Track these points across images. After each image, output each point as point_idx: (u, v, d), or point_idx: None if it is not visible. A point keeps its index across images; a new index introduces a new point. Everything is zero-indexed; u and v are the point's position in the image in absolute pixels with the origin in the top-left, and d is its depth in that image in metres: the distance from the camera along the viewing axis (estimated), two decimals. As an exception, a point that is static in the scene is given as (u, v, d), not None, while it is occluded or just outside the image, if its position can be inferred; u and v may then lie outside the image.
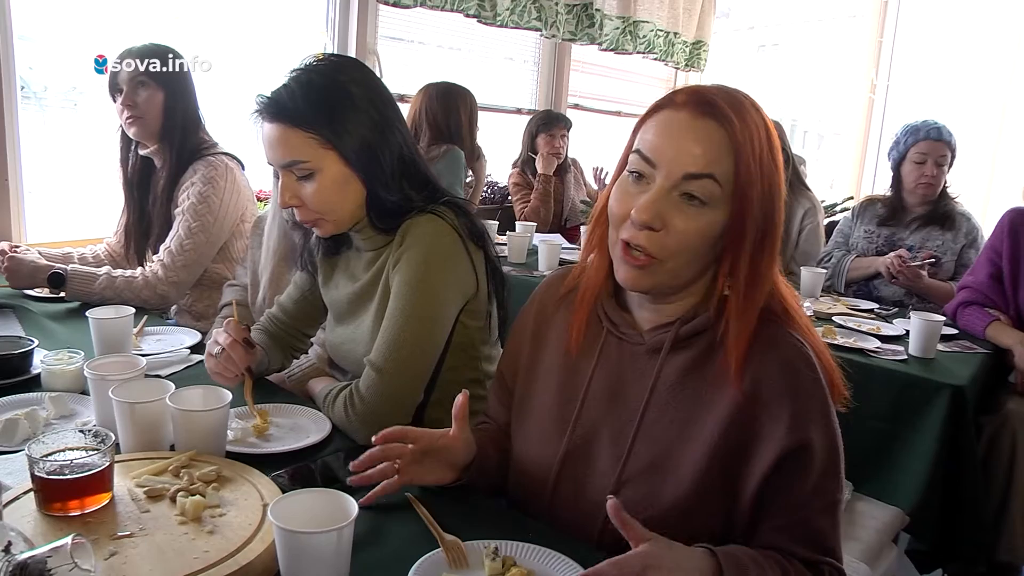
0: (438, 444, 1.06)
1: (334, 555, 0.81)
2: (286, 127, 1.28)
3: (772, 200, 0.95)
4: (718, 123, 0.92)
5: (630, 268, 0.96)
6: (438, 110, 3.29)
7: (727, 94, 0.95)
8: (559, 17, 4.14)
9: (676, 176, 0.92)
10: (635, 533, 0.82)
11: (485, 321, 1.44)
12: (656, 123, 0.96)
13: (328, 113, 1.29)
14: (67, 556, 0.73)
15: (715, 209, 0.93)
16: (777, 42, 7.59)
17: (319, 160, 1.29)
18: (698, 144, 0.92)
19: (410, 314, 1.30)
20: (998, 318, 2.29)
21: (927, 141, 2.78)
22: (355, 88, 1.32)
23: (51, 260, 2.08)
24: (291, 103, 1.28)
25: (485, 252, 1.41)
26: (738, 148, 0.91)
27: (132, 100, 2.03)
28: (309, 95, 1.29)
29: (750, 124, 0.93)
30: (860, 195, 5.36)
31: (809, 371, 0.94)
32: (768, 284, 0.97)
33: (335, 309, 1.52)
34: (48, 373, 1.39)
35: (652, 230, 0.93)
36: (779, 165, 0.96)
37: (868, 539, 1.75)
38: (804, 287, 2.70)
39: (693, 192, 0.92)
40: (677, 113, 0.94)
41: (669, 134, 0.94)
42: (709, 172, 0.91)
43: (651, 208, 0.92)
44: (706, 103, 0.93)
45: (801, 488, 0.92)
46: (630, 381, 1.05)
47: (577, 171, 4.32)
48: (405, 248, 1.33)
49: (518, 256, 3.06)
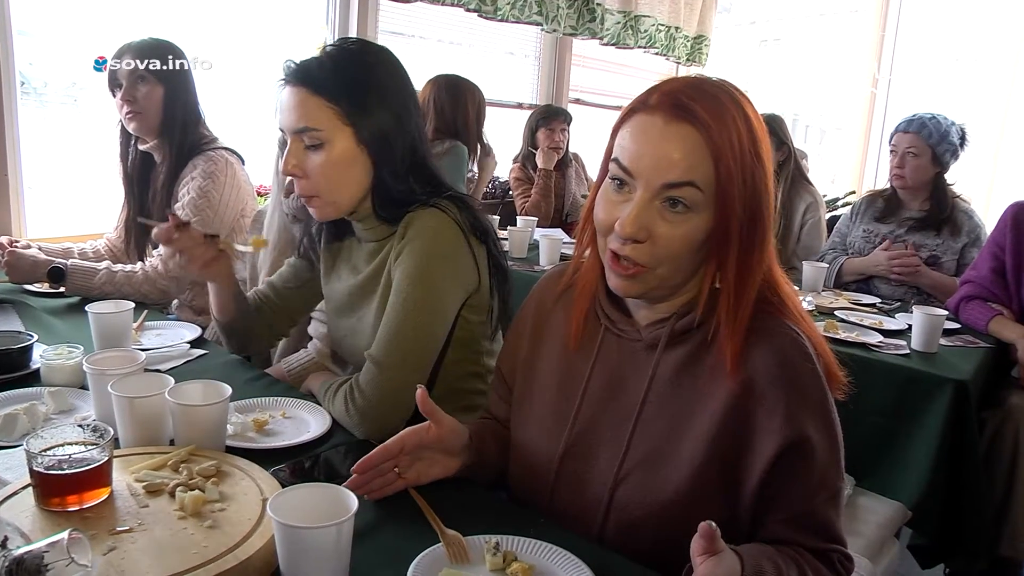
0: (427, 439, 1.06)
1: (334, 550, 0.80)
2: (308, 92, 1.29)
3: (757, 195, 0.93)
4: (694, 127, 0.90)
5: (620, 278, 0.97)
6: (446, 102, 3.27)
7: (701, 92, 0.92)
8: (560, 11, 4.13)
9: (655, 186, 0.91)
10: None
11: (487, 316, 1.44)
12: (631, 129, 0.95)
13: (354, 89, 1.30)
14: (64, 551, 0.73)
15: (699, 213, 0.92)
16: (779, 37, 7.57)
17: (333, 132, 1.29)
18: (675, 151, 0.90)
19: (411, 308, 1.30)
20: (1001, 312, 2.28)
21: (899, 133, 2.80)
22: (383, 73, 1.34)
23: (51, 255, 2.08)
24: (319, 71, 1.29)
25: (487, 247, 1.41)
26: (717, 151, 0.90)
27: (132, 95, 2.02)
28: (338, 68, 1.30)
29: (728, 123, 0.91)
30: (862, 190, 5.35)
31: (805, 362, 0.94)
32: (758, 277, 0.96)
33: (336, 301, 1.51)
34: (47, 368, 1.39)
35: (637, 242, 0.93)
36: (764, 155, 0.94)
37: (870, 534, 1.75)
38: (806, 282, 2.69)
39: (675, 198, 0.91)
40: (651, 117, 0.92)
41: (646, 141, 0.92)
42: (689, 180, 0.90)
43: (635, 222, 0.92)
44: (678, 106, 0.91)
45: (806, 481, 0.92)
46: (628, 377, 1.05)
47: (579, 165, 4.30)
48: (407, 241, 1.32)
49: (519, 251, 3.06)
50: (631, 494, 0.99)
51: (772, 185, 0.97)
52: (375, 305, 1.40)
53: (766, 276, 0.99)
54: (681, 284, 0.99)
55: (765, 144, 0.95)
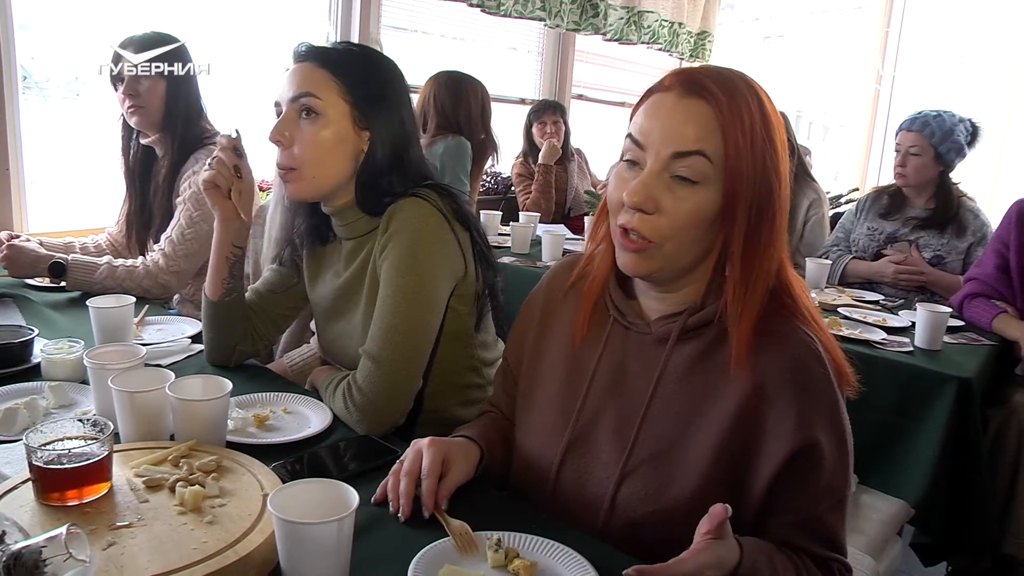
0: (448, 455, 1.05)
1: (335, 546, 0.80)
2: (316, 65, 1.32)
3: (767, 176, 0.92)
4: (705, 100, 0.91)
5: (628, 253, 0.96)
6: (447, 99, 3.24)
7: (716, 72, 0.94)
8: (563, 7, 4.12)
9: (665, 156, 0.91)
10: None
11: (474, 306, 1.43)
12: (646, 107, 0.96)
13: (360, 72, 1.34)
14: (62, 546, 0.72)
15: (707, 188, 0.91)
16: (782, 33, 7.55)
17: (331, 105, 1.30)
18: (685, 122, 0.91)
19: (402, 298, 1.29)
20: (1005, 310, 2.27)
21: (902, 131, 2.80)
22: (389, 69, 1.41)
23: (52, 249, 2.08)
24: (329, 51, 1.35)
25: (471, 233, 1.40)
26: (726, 124, 0.90)
27: (134, 90, 2.02)
28: (350, 52, 1.37)
29: (739, 100, 0.92)
30: (865, 187, 5.34)
31: (819, 367, 0.93)
32: (767, 266, 0.95)
33: (322, 307, 1.50)
34: (48, 362, 1.39)
35: (645, 212, 0.92)
36: (777, 141, 0.94)
37: (873, 531, 1.75)
38: (809, 278, 2.68)
39: (683, 173, 0.91)
40: (665, 95, 0.94)
41: (657, 115, 0.94)
42: (698, 149, 0.90)
43: (642, 190, 0.92)
44: (692, 82, 0.93)
45: (812, 487, 0.91)
46: (636, 371, 1.04)
47: (582, 160, 4.29)
48: (391, 234, 1.31)
49: (521, 246, 3.04)
50: (635, 491, 0.98)
51: (786, 175, 0.96)
52: (362, 304, 1.39)
53: (780, 277, 0.98)
54: (690, 267, 0.98)
55: (780, 133, 0.95)
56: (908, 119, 2.80)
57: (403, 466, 1.02)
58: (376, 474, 1.07)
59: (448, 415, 1.44)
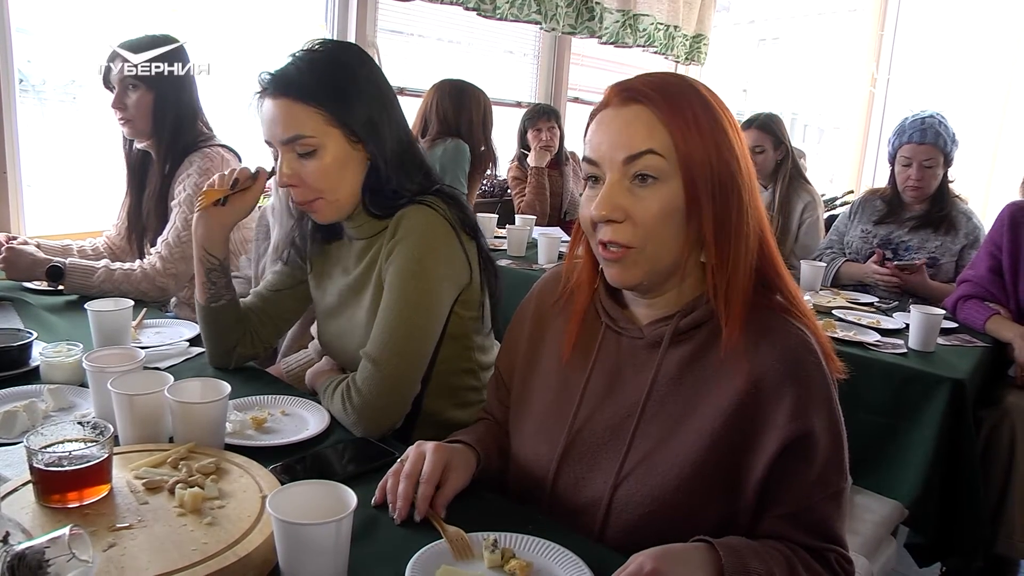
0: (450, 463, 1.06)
1: (333, 547, 0.81)
2: (292, 101, 1.28)
3: (723, 158, 0.95)
4: (642, 104, 0.95)
5: (612, 265, 0.98)
6: (449, 107, 3.28)
7: (647, 78, 0.98)
8: (559, 10, 4.13)
9: (618, 163, 0.94)
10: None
11: (478, 311, 1.44)
12: (592, 126, 1.00)
13: (334, 89, 1.30)
14: (65, 547, 0.73)
15: (667, 183, 0.94)
16: (777, 36, 7.58)
17: (323, 136, 1.29)
18: (629, 127, 0.95)
19: (405, 304, 1.30)
20: (998, 312, 2.28)
21: (911, 144, 2.71)
22: (359, 67, 1.34)
23: (50, 253, 2.08)
24: (298, 78, 1.29)
25: (477, 242, 1.41)
26: (667, 119, 0.93)
27: (122, 103, 2.02)
28: (315, 71, 1.30)
29: (674, 95, 0.95)
30: (860, 189, 5.35)
31: (811, 357, 0.94)
32: (743, 243, 0.96)
33: (326, 304, 1.51)
34: (47, 365, 1.39)
35: (616, 222, 0.94)
36: (724, 122, 0.96)
37: (867, 532, 1.76)
38: (804, 281, 2.70)
39: (641, 172, 0.94)
40: (606, 111, 0.99)
41: (603, 130, 0.97)
42: (647, 148, 0.93)
43: (606, 203, 0.94)
44: (627, 90, 0.96)
45: (805, 477, 0.92)
46: (629, 376, 1.05)
47: (576, 163, 4.31)
48: (398, 240, 1.33)
49: (517, 249, 3.05)
50: (631, 494, 0.98)
51: (745, 153, 0.98)
52: (366, 304, 1.40)
53: (770, 273, 0.99)
54: (673, 268, 0.99)
55: (726, 114, 0.97)
56: (916, 131, 2.70)
57: (404, 467, 1.03)
58: (374, 476, 1.08)
59: (444, 417, 1.45)
